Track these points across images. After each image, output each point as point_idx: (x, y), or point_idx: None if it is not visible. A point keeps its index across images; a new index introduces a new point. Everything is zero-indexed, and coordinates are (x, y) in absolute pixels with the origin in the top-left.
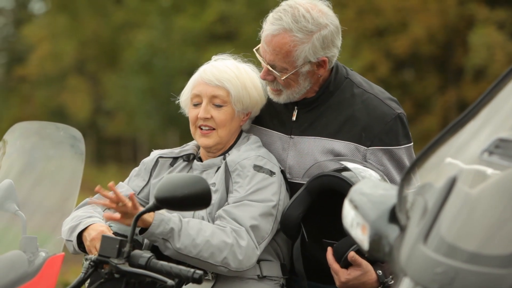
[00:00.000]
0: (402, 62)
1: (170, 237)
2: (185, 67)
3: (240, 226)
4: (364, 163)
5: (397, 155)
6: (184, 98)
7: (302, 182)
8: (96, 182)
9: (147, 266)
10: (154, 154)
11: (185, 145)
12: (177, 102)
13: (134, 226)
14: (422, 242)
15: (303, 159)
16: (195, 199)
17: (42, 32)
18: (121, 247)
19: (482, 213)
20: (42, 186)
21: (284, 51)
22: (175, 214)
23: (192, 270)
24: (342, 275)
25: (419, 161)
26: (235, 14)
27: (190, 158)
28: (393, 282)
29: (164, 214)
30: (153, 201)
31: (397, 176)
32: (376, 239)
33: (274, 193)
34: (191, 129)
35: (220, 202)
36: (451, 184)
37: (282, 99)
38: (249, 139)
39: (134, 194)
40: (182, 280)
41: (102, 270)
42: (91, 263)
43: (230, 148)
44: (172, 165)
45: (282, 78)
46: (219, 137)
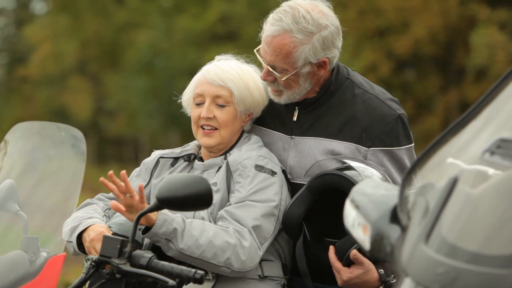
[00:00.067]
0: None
1: (173, 237)
2: (186, 67)
3: (242, 227)
4: (365, 162)
5: (397, 156)
6: (186, 97)
7: (303, 183)
8: (97, 182)
9: (149, 266)
10: (155, 154)
11: (186, 145)
12: (179, 102)
13: (136, 226)
14: (424, 242)
15: (304, 160)
16: (197, 199)
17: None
18: (122, 247)
19: (483, 213)
20: (43, 186)
21: (284, 52)
22: (178, 214)
23: (193, 270)
24: (344, 274)
25: (421, 161)
26: (236, 14)
27: (191, 158)
28: (395, 281)
29: (167, 214)
30: (154, 201)
31: (397, 176)
32: (377, 239)
33: (276, 193)
34: (193, 128)
35: (221, 202)
36: (453, 184)
37: (282, 100)
38: (250, 139)
39: (142, 187)
40: (183, 280)
41: (104, 270)
42: (93, 263)
43: (231, 148)
44: (173, 165)
45: (283, 79)
46: (221, 137)
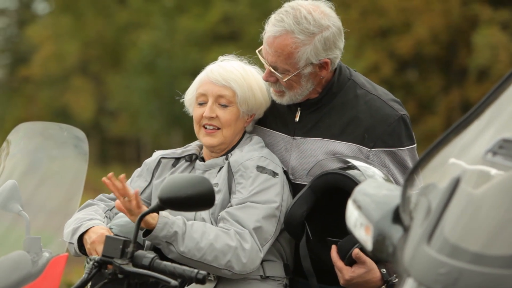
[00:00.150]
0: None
1: (174, 240)
2: (188, 68)
3: (243, 229)
4: (367, 161)
5: (400, 157)
6: (189, 97)
7: (305, 183)
8: (99, 182)
9: (151, 267)
10: (157, 154)
11: (187, 145)
12: (181, 101)
13: (138, 226)
14: (426, 242)
15: (306, 160)
16: (199, 200)
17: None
18: (124, 248)
19: (486, 213)
20: (46, 186)
21: (285, 53)
22: (179, 216)
23: (195, 271)
24: (346, 273)
25: (423, 161)
26: (239, 14)
27: (192, 159)
28: (397, 280)
29: (168, 217)
30: (156, 201)
31: (400, 177)
32: (379, 240)
33: (277, 194)
34: (195, 128)
35: (222, 203)
36: (455, 184)
37: (284, 101)
38: (252, 140)
39: (138, 192)
40: (185, 280)
41: (106, 271)
42: (95, 264)
43: (233, 148)
44: (174, 165)
45: (284, 79)
46: (224, 136)
